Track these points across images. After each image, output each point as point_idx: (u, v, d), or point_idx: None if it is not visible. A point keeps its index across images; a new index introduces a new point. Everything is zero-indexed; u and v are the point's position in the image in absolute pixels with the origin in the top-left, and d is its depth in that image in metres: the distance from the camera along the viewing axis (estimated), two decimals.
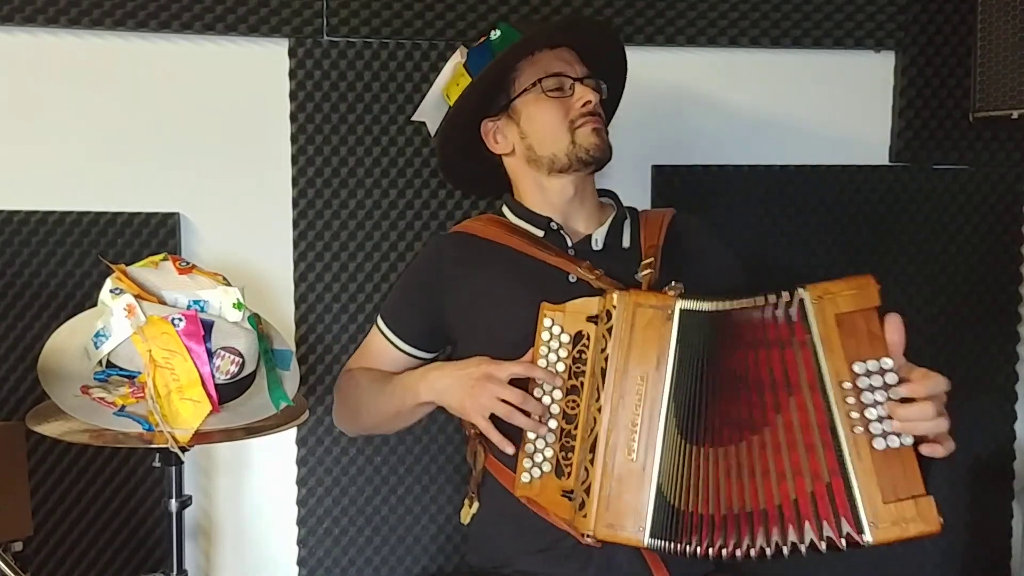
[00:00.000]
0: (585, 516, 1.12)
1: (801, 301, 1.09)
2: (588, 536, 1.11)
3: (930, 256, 1.90)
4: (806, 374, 1.08)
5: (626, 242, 1.38)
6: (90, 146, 1.67)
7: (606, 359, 1.13)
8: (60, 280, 1.65)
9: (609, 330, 1.13)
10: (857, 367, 1.06)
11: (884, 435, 1.06)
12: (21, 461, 1.53)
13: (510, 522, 1.26)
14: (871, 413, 1.06)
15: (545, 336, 1.20)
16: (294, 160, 1.70)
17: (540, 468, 1.19)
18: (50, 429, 1.29)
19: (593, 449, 1.12)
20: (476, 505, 1.34)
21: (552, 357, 1.20)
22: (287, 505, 1.76)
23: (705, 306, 1.13)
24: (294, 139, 1.70)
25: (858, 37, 1.83)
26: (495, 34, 1.37)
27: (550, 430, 1.19)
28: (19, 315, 1.64)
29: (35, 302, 1.65)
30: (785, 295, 1.10)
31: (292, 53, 1.69)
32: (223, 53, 1.69)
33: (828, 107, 1.87)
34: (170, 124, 1.69)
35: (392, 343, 1.44)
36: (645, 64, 1.78)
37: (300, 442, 1.74)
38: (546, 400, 1.19)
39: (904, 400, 1.06)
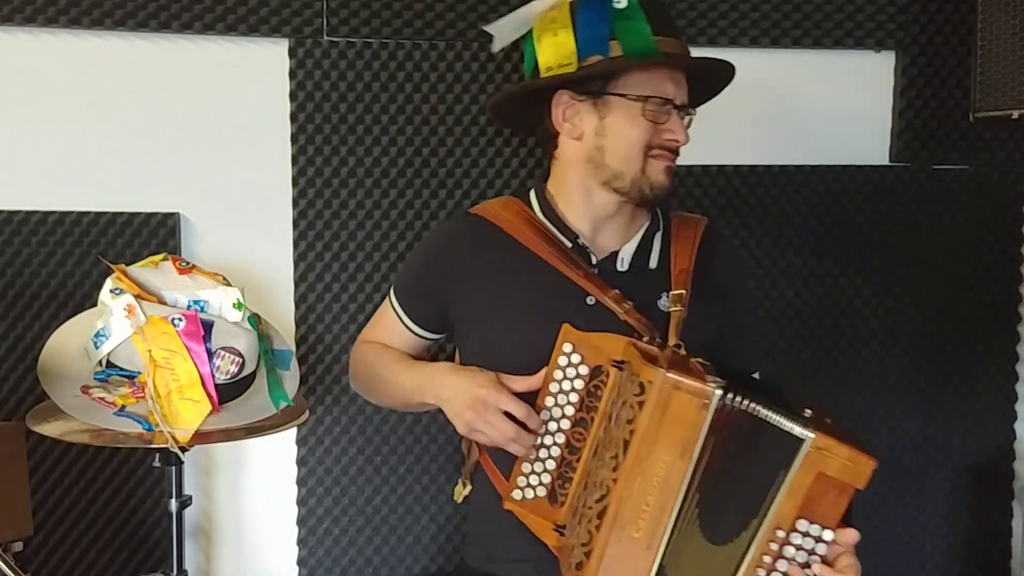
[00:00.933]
0: None
1: (800, 441, 1.05)
2: None
3: (930, 256, 1.90)
4: (768, 498, 1.07)
5: (653, 262, 1.31)
6: (90, 146, 1.67)
7: (631, 432, 1.08)
8: (60, 280, 1.65)
9: (640, 404, 1.07)
10: (800, 524, 1.05)
11: None
12: (21, 461, 1.53)
13: (500, 518, 1.25)
14: (780, 565, 1.06)
15: (562, 361, 1.17)
16: (294, 160, 1.70)
17: (534, 489, 1.19)
18: (50, 429, 1.29)
19: (602, 516, 1.10)
20: (469, 487, 1.34)
21: (566, 385, 1.17)
22: (287, 505, 1.76)
23: (745, 404, 1.07)
24: (294, 139, 1.70)
25: (858, 37, 1.83)
26: (620, 2, 1.22)
27: (551, 456, 1.18)
28: (19, 315, 1.64)
29: (35, 302, 1.64)
30: (797, 429, 1.05)
31: (292, 53, 1.68)
32: (223, 53, 1.69)
33: (828, 107, 1.87)
34: (170, 124, 1.69)
35: (402, 321, 1.40)
36: None
37: (300, 442, 1.74)
38: (552, 426, 1.18)
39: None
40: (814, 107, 1.87)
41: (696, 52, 1.77)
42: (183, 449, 1.29)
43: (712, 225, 1.38)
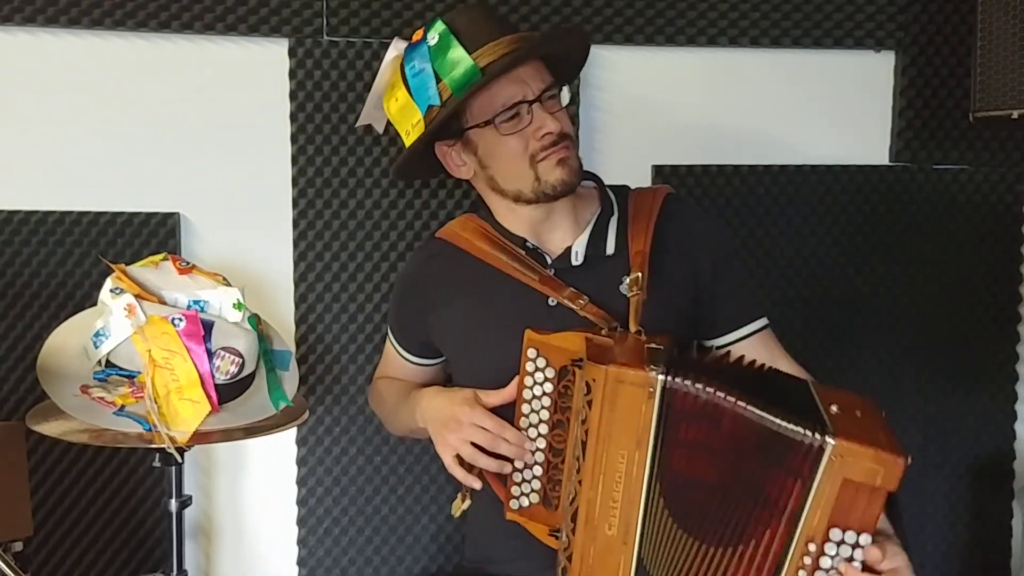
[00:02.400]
0: None
1: (821, 449, 0.99)
2: None
3: (930, 256, 1.90)
4: (790, 510, 1.01)
5: (610, 248, 1.30)
6: (90, 146, 1.67)
7: (587, 432, 1.08)
8: (60, 280, 1.65)
9: (589, 403, 1.07)
10: (833, 533, 1.00)
11: None
12: (21, 461, 1.53)
13: (501, 523, 1.25)
14: None
15: (530, 367, 1.18)
16: (294, 160, 1.70)
17: (528, 497, 1.20)
18: (50, 429, 1.29)
19: (575, 519, 1.10)
20: (468, 502, 1.33)
21: (537, 390, 1.18)
22: (287, 505, 1.76)
23: (697, 390, 1.04)
24: (294, 139, 1.70)
25: (858, 37, 1.83)
26: (432, 38, 1.22)
27: (537, 463, 1.18)
28: (19, 315, 1.64)
29: (35, 302, 1.64)
30: (810, 436, 0.99)
31: (292, 53, 1.68)
32: (223, 53, 1.69)
33: (828, 107, 1.87)
34: (170, 124, 1.69)
35: (401, 355, 1.48)
36: (645, 64, 1.79)
37: (300, 442, 1.74)
38: (532, 433, 1.18)
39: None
40: (814, 107, 1.87)
41: (696, 52, 1.80)
42: (181, 450, 1.29)
43: (672, 195, 1.36)
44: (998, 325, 1.94)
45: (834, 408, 1.03)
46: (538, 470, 1.19)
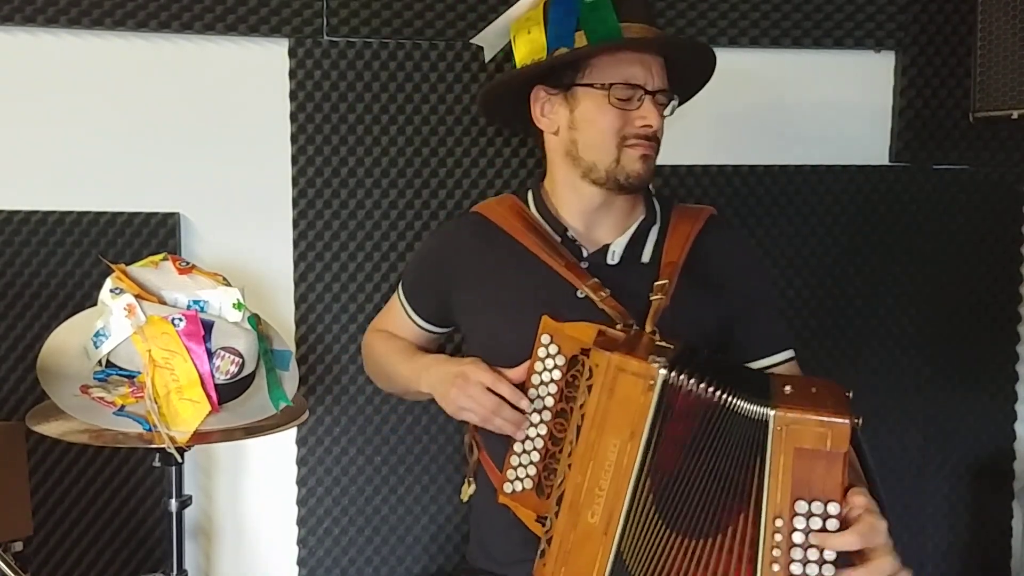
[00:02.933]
0: (544, 565, 1.11)
1: (765, 423, 1.01)
2: None
3: (930, 256, 1.90)
4: (755, 490, 1.02)
5: (646, 256, 1.31)
6: (90, 146, 1.67)
7: (583, 416, 1.08)
8: (60, 280, 1.65)
9: (590, 388, 1.08)
10: (799, 506, 1.00)
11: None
12: (21, 461, 1.53)
13: (498, 514, 1.25)
14: (796, 553, 1.01)
15: (541, 352, 1.18)
16: (294, 160, 1.70)
17: (522, 482, 1.20)
18: (50, 429, 1.29)
19: (560, 502, 1.10)
20: (474, 487, 1.35)
21: (546, 376, 1.18)
22: (287, 505, 1.76)
23: (693, 384, 1.05)
24: (294, 139, 1.70)
25: (858, 37, 1.83)
26: None
27: (535, 448, 1.18)
28: (19, 315, 1.64)
29: (35, 302, 1.65)
30: (755, 411, 1.01)
31: (292, 53, 1.68)
32: (223, 53, 1.69)
33: (828, 107, 1.87)
34: (170, 124, 1.69)
35: (408, 314, 1.47)
36: None
37: (300, 442, 1.74)
38: (534, 418, 1.19)
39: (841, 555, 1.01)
40: (814, 107, 1.87)
41: None
42: (181, 450, 1.29)
43: (716, 216, 1.37)
44: (998, 325, 1.94)
45: (787, 388, 1.05)
46: (535, 456, 1.19)
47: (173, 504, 1.43)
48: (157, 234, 1.68)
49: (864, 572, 1.00)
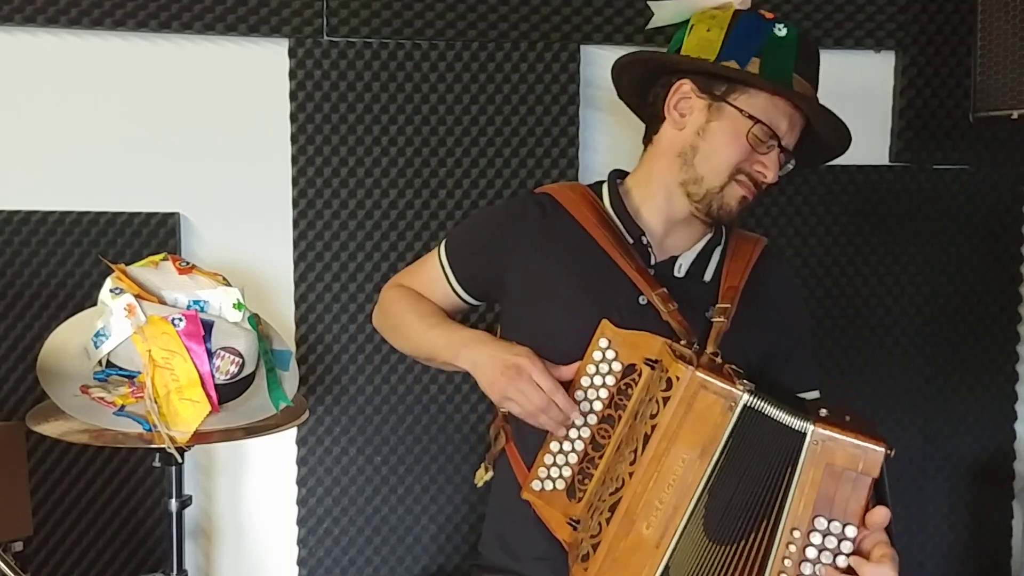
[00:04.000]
0: (586, 570, 1.10)
1: (802, 435, 1.03)
2: None
3: (930, 256, 1.90)
4: (779, 499, 1.04)
5: (709, 275, 1.30)
6: (90, 146, 1.67)
7: (653, 427, 1.07)
8: (60, 280, 1.65)
9: (666, 400, 1.06)
10: (818, 522, 1.02)
11: None
12: (21, 461, 1.53)
13: (518, 509, 1.24)
14: (805, 568, 1.02)
15: (596, 356, 1.17)
16: (294, 160, 1.70)
17: (553, 482, 1.18)
18: (50, 429, 1.29)
19: (614, 509, 1.09)
20: (491, 473, 1.32)
21: (597, 380, 1.16)
22: (287, 505, 1.76)
23: (771, 411, 1.04)
24: (294, 139, 1.70)
25: (858, 37, 1.83)
26: (780, 30, 1.23)
27: (574, 451, 1.17)
28: (19, 315, 1.65)
29: (35, 302, 1.65)
30: (795, 423, 1.03)
31: (292, 53, 1.69)
32: (223, 53, 1.69)
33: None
34: (170, 124, 1.69)
35: (448, 279, 1.37)
36: None
37: (300, 442, 1.74)
38: (578, 420, 1.17)
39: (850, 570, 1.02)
40: None
41: None
42: (181, 450, 1.29)
43: (770, 247, 1.37)
44: (998, 325, 1.94)
45: (823, 411, 1.06)
46: (573, 458, 1.17)
47: (173, 504, 1.43)
48: (157, 234, 1.68)
49: None
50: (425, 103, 1.72)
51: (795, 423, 1.03)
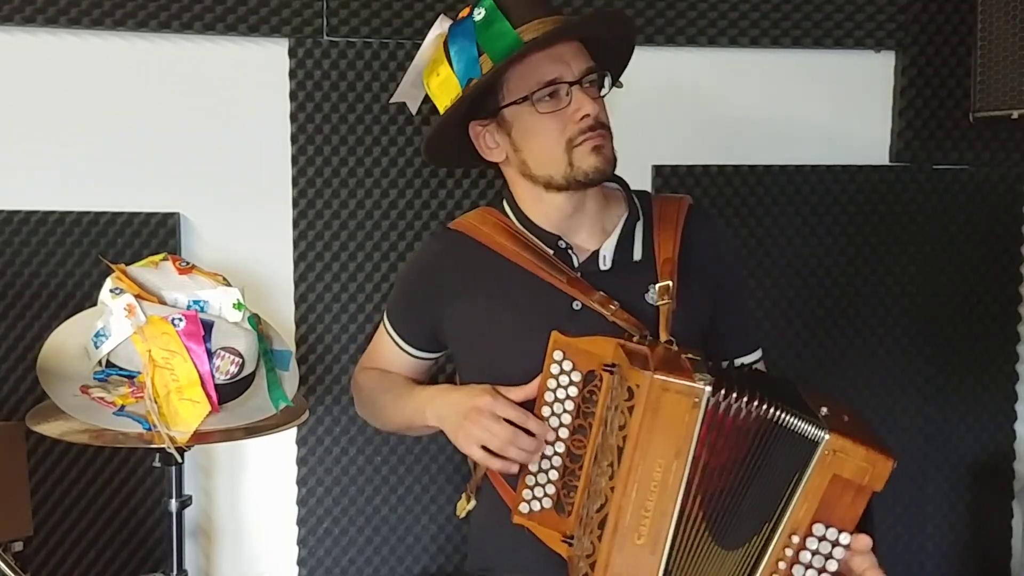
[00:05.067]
0: None
1: (815, 443, 1.03)
2: None
3: (930, 256, 1.90)
4: (782, 501, 1.04)
5: (637, 254, 1.27)
6: (90, 146, 1.67)
7: (624, 439, 1.06)
8: (60, 280, 1.65)
9: (631, 409, 1.05)
10: (816, 528, 1.03)
11: None
12: (21, 461, 1.53)
13: (507, 530, 1.23)
14: (797, 571, 1.03)
15: (555, 369, 1.15)
16: (294, 160, 1.70)
17: (540, 501, 1.18)
18: (50, 429, 1.29)
19: (603, 525, 1.08)
20: (473, 503, 1.32)
21: (560, 392, 1.15)
22: (287, 505, 1.76)
23: (735, 399, 1.05)
24: (294, 139, 1.70)
25: (858, 37, 1.83)
26: (479, 13, 1.20)
27: (553, 467, 1.17)
28: (19, 315, 1.64)
29: (35, 302, 1.65)
30: (811, 431, 1.03)
31: (292, 53, 1.68)
32: (223, 53, 1.69)
33: (828, 107, 1.87)
34: (170, 124, 1.69)
35: (399, 345, 1.40)
36: (645, 64, 1.78)
37: (300, 442, 1.74)
38: (550, 436, 1.16)
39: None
40: (814, 107, 1.87)
41: (696, 52, 1.80)
42: (180, 450, 1.29)
43: (695, 206, 1.34)
44: (998, 325, 1.94)
45: (824, 410, 1.05)
46: (554, 474, 1.17)
47: (173, 504, 1.43)
48: (157, 234, 1.68)
49: None
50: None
51: (809, 430, 1.03)
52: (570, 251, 1.26)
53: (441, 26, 1.27)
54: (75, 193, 1.67)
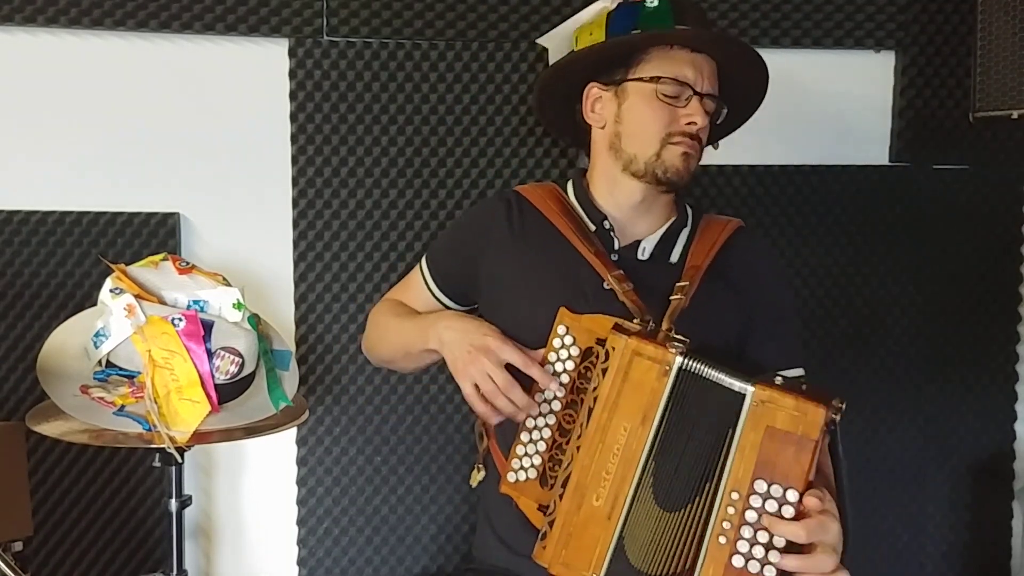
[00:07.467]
0: (544, 548, 1.11)
1: (742, 396, 1.04)
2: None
3: (930, 256, 1.90)
4: (720, 460, 1.04)
5: (675, 256, 1.33)
6: (90, 146, 1.67)
7: (595, 399, 1.09)
8: (60, 280, 1.65)
9: (604, 371, 1.09)
10: (758, 484, 1.01)
11: (747, 555, 1.01)
12: (21, 461, 1.53)
13: (508, 509, 1.24)
14: (745, 531, 1.01)
15: (556, 343, 1.18)
16: (294, 160, 1.70)
17: (526, 472, 1.19)
18: (50, 429, 1.29)
19: (565, 484, 1.10)
20: (484, 473, 1.35)
21: (559, 366, 1.18)
22: (287, 505, 1.76)
23: (709, 372, 1.06)
24: (294, 139, 1.70)
25: (858, 37, 1.83)
26: (652, 3, 1.29)
27: (542, 439, 1.18)
28: (19, 315, 1.64)
29: (35, 302, 1.65)
30: (736, 384, 1.04)
31: (292, 53, 1.68)
32: (223, 53, 1.69)
33: (828, 107, 1.87)
34: (170, 124, 1.69)
35: (428, 286, 1.45)
36: None
37: (300, 442, 1.74)
38: (544, 408, 1.18)
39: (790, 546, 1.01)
40: (814, 107, 1.87)
41: None
42: (180, 450, 1.29)
43: (744, 228, 1.39)
44: (998, 325, 1.94)
45: (778, 379, 1.06)
46: (542, 446, 1.18)
47: (173, 504, 1.43)
48: (157, 234, 1.68)
49: (804, 561, 1.00)
50: (425, 103, 1.72)
51: (735, 384, 1.04)
52: (612, 233, 1.32)
53: (611, 2, 1.35)
54: (75, 193, 1.67)
